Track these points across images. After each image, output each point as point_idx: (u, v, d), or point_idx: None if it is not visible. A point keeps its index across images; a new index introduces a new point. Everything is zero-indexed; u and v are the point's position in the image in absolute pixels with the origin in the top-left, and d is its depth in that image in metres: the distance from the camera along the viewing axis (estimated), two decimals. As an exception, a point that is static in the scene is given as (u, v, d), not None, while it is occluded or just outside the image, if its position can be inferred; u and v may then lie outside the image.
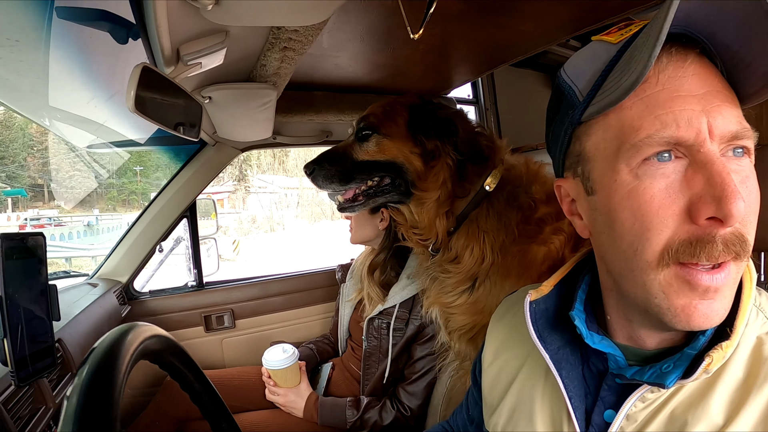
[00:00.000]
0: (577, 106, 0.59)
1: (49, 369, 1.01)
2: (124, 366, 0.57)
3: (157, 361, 0.77)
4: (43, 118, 2.01)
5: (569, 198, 0.67)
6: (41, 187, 34.27)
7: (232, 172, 30.63)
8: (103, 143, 2.29)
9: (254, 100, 1.45)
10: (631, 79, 0.49)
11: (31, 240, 0.97)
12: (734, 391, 0.55)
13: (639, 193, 0.52)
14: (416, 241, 1.43)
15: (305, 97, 1.94)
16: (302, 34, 1.07)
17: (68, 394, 0.53)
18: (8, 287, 0.88)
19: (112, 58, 1.32)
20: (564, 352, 0.67)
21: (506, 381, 0.77)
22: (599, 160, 0.57)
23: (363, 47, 1.51)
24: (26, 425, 1.06)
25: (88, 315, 1.62)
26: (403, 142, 1.36)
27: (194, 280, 2.44)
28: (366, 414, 1.73)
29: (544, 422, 0.68)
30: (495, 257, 1.29)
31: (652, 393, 0.57)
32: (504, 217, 1.29)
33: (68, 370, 1.33)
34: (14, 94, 1.66)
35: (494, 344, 0.84)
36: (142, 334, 0.64)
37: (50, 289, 1.04)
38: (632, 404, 0.58)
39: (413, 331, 1.73)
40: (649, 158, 0.52)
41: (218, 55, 1.06)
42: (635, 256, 0.54)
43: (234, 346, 2.42)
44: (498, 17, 1.36)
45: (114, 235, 21.73)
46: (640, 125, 0.51)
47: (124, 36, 0.98)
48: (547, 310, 0.70)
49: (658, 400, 0.58)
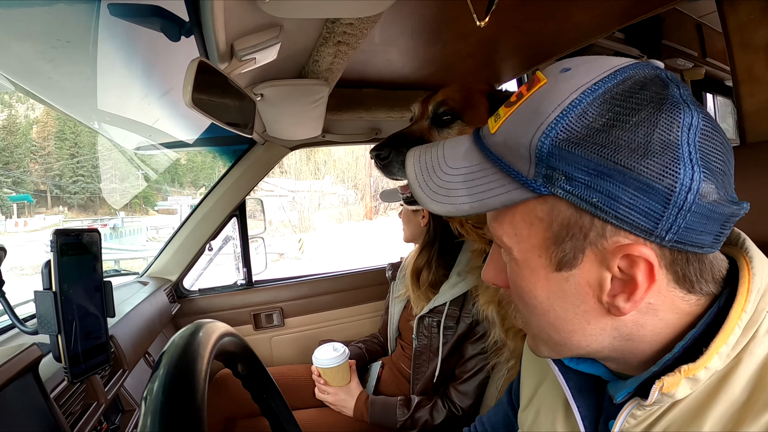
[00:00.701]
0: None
1: (103, 366, 1.03)
2: (205, 361, 0.56)
3: (229, 363, 0.78)
4: (92, 121, 2.05)
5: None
6: (44, 193, 35.22)
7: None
8: (152, 144, 2.34)
9: (306, 97, 1.46)
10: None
11: (86, 236, 0.99)
12: (731, 414, 0.52)
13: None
14: (475, 237, 1.39)
15: (355, 94, 1.94)
16: (357, 28, 1.06)
17: (148, 393, 0.50)
18: (62, 283, 0.90)
19: (162, 56, 1.32)
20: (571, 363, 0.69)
21: (535, 383, 0.81)
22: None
23: (414, 42, 1.50)
24: (77, 421, 1.07)
25: (139, 312, 1.65)
26: None
27: (243, 279, 2.48)
28: (417, 413, 1.70)
29: (563, 429, 0.70)
30: None
31: (639, 411, 0.57)
32: None
33: (120, 367, 1.35)
34: (64, 97, 1.68)
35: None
36: (217, 330, 0.64)
37: (105, 285, 1.05)
38: (624, 420, 0.58)
39: (464, 329, 1.69)
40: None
41: (272, 50, 1.06)
42: None
43: (283, 345, 2.44)
44: (553, 7, 1.33)
45: (136, 239, 22.41)
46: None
47: (176, 33, 0.97)
48: None
49: (649, 419, 0.57)
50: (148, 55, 1.32)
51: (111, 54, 1.28)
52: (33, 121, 38.29)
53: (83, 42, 1.18)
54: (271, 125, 1.79)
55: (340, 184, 28.76)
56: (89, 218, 30.40)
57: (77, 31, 1.14)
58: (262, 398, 0.85)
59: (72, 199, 36.19)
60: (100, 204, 35.34)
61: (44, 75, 1.41)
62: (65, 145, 37.53)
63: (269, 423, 0.86)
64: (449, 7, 1.14)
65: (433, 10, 1.27)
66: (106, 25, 1.10)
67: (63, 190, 36.31)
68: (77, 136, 37.36)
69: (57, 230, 0.89)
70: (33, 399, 0.90)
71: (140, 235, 22.92)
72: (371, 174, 26.94)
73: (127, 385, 1.38)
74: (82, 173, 37.78)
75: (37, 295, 0.88)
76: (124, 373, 1.34)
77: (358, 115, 1.99)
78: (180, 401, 0.49)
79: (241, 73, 1.09)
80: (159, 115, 1.84)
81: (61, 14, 1.10)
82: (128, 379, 1.37)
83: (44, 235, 19.43)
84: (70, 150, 37.65)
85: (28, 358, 0.89)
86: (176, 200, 26.85)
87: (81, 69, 1.36)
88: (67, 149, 37.62)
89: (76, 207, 36.03)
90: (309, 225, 25.10)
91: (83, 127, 38.12)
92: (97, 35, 1.14)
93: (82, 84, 1.49)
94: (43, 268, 0.89)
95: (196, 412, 0.48)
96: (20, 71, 1.38)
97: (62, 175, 37.19)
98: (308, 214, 26.06)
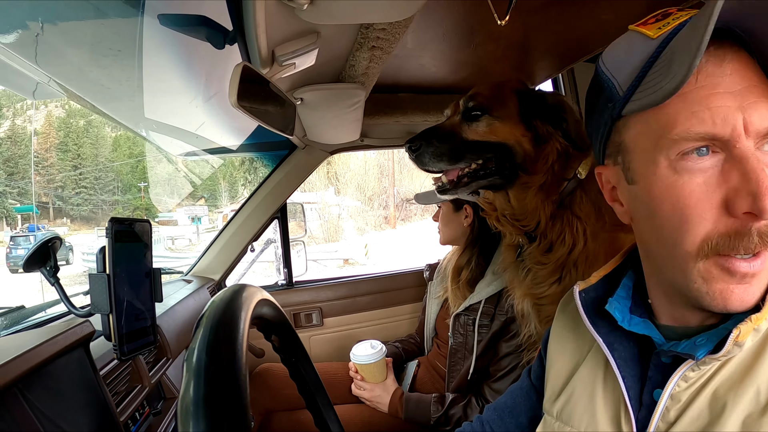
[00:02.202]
0: (617, 100, 0.61)
1: (149, 347, 1.08)
2: (245, 320, 0.58)
3: (267, 328, 0.79)
4: (140, 128, 2.15)
5: (610, 185, 0.70)
6: (47, 204, 35.51)
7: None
8: (196, 151, 2.43)
9: (344, 101, 1.51)
10: (672, 85, 0.50)
11: (138, 226, 1.04)
12: None
13: (678, 187, 0.55)
14: (512, 229, 1.41)
15: (392, 99, 1.99)
16: (389, 32, 1.11)
17: (190, 354, 0.51)
18: (116, 266, 0.95)
19: (204, 63, 1.38)
20: (615, 334, 0.69)
21: (566, 372, 0.80)
22: (639, 152, 0.60)
23: (446, 45, 1.54)
24: (122, 400, 1.12)
25: (184, 306, 1.72)
26: (514, 126, 1.34)
27: (284, 279, 2.55)
28: (451, 410, 1.73)
29: (605, 404, 0.69)
30: (586, 242, 1.27)
31: (693, 372, 0.58)
32: (597, 203, 1.27)
33: (163, 355, 1.41)
34: (116, 105, 1.75)
35: (558, 330, 0.87)
36: (257, 294, 0.66)
37: (154, 272, 1.11)
38: (675, 384, 0.59)
39: (498, 327, 1.72)
40: (687, 153, 0.54)
41: (311, 55, 1.12)
42: (675, 247, 0.56)
43: (322, 344, 2.50)
44: (579, 8, 1.35)
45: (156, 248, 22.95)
46: (677, 121, 0.54)
47: (221, 42, 1.02)
48: (596, 298, 0.73)
49: (700, 380, 0.58)
50: (191, 62, 1.38)
51: (158, 62, 1.35)
52: (35, 132, 39.06)
53: (132, 51, 1.24)
54: (311, 129, 1.85)
55: (358, 193, 29.27)
56: (93, 230, 30.82)
57: (126, 41, 1.21)
58: (291, 361, 0.87)
59: (75, 210, 36.76)
60: (103, 216, 35.87)
61: (96, 82, 1.50)
62: (67, 156, 38.26)
63: (305, 399, 0.89)
64: (477, 9, 1.18)
65: (461, 12, 1.31)
66: (152, 36, 1.16)
67: (66, 202, 36.91)
68: (80, 147, 37.99)
69: (112, 218, 0.95)
70: (83, 373, 0.96)
71: (159, 245, 23.32)
72: (394, 184, 27.53)
73: (170, 374, 1.44)
74: (84, 185, 38.46)
75: (91, 277, 0.94)
76: (168, 361, 1.41)
77: (395, 119, 2.03)
78: (222, 361, 0.50)
79: (281, 78, 1.16)
80: (203, 120, 1.91)
81: (111, 25, 1.17)
82: (170, 368, 1.43)
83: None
84: (72, 162, 38.38)
85: (81, 332, 0.95)
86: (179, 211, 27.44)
87: (130, 76, 1.43)
88: (70, 161, 38.33)
89: (79, 219, 36.57)
90: (338, 235, 25.47)
91: (86, 139, 38.18)
92: (143, 45, 1.21)
93: (131, 91, 1.56)
94: (97, 253, 0.95)
95: (237, 372, 0.50)
96: (74, 79, 1.47)
97: (65, 187, 37.95)
98: (337, 223, 26.45)
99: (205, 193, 32.83)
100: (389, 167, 28.75)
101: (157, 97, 1.65)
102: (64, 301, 1.07)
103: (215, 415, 0.45)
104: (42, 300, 1.42)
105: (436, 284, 2.15)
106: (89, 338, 0.98)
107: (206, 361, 0.49)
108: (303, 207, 2.88)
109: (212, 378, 0.48)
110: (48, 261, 1.05)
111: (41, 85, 1.44)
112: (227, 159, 4.25)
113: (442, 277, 2.07)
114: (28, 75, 1.36)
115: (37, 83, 1.44)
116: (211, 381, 0.48)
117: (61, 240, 1.07)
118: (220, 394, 0.47)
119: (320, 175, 28.04)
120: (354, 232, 26.30)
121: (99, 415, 0.97)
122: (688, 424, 0.58)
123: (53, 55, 1.26)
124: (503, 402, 0.99)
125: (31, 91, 1.55)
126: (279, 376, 2.00)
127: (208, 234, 22.87)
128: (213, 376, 0.48)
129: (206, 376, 0.48)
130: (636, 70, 0.58)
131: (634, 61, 0.59)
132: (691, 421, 0.57)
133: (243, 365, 0.51)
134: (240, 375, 0.49)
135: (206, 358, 0.49)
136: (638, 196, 0.61)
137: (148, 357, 1.36)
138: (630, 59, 0.60)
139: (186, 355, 0.51)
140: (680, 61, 0.50)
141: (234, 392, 0.47)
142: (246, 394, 0.48)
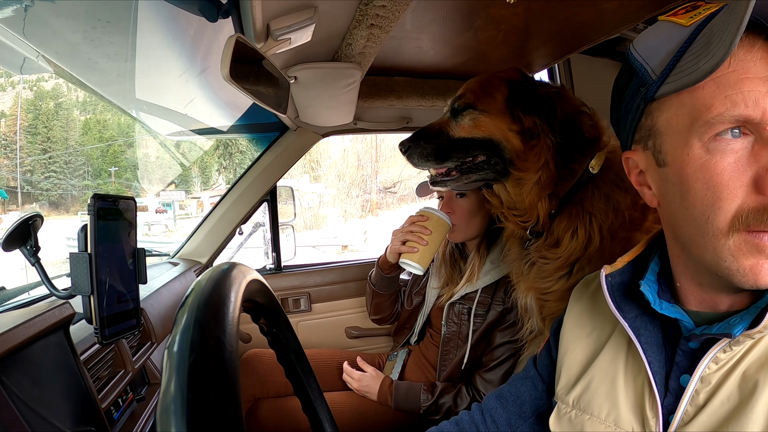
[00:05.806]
0: (650, 83, 0.63)
1: (133, 330, 1.04)
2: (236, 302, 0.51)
3: (256, 310, 0.72)
4: (129, 105, 2.08)
5: (638, 169, 0.72)
6: (15, 189, 35.02)
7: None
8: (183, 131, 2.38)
9: (339, 81, 1.47)
10: (712, 63, 0.53)
11: (122, 203, 0.99)
12: None
13: (711, 166, 0.57)
14: (515, 223, 1.39)
15: (387, 82, 1.95)
16: (389, 10, 1.07)
17: (171, 343, 0.44)
18: (98, 245, 0.90)
19: (196, 36, 1.32)
20: (642, 320, 0.72)
21: (584, 359, 0.82)
22: (672, 135, 0.62)
23: (446, 28, 1.50)
24: (104, 386, 1.08)
25: (169, 289, 1.68)
26: (500, 118, 1.31)
27: (273, 264, 2.52)
28: (440, 399, 1.71)
29: (627, 391, 0.72)
30: (603, 239, 1.24)
31: (724, 353, 0.61)
32: (612, 199, 1.24)
33: (148, 339, 1.38)
34: (102, 79, 1.68)
35: (573, 318, 0.89)
36: (248, 274, 0.59)
37: (138, 252, 1.07)
38: (705, 366, 0.62)
39: (494, 317, 1.70)
40: (720, 134, 0.56)
41: (307, 31, 1.08)
42: (707, 224, 0.58)
43: (309, 330, 2.47)
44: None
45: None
46: (711, 104, 0.56)
47: (214, 14, 0.97)
48: (622, 283, 0.76)
49: (731, 361, 0.61)
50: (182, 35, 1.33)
51: (148, 35, 1.29)
52: (2, 114, 38.27)
53: (122, 22, 1.19)
54: (304, 110, 1.81)
55: (338, 182, 29.55)
56: (64, 216, 30.33)
57: (116, 11, 1.15)
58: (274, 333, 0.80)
59: (44, 195, 36.13)
60: (72, 201, 35.52)
61: (84, 56, 1.42)
62: (36, 140, 37.63)
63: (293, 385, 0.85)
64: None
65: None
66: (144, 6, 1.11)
67: (35, 187, 36.31)
68: (50, 130, 37.33)
69: (95, 194, 0.90)
70: (63, 357, 0.92)
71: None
72: (377, 171, 27.84)
73: (154, 358, 1.41)
74: (54, 169, 37.84)
75: (72, 257, 0.89)
76: (152, 345, 1.38)
77: (390, 103, 2.00)
78: (208, 352, 0.42)
79: (276, 54, 1.12)
80: (194, 96, 1.85)
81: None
82: (155, 352, 1.40)
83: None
84: (42, 145, 37.74)
85: (60, 314, 0.91)
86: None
87: (120, 50, 1.37)
88: (39, 144, 37.69)
89: (48, 204, 35.97)
90: (322, 222, 25.74)
91: (56, 122, 37.73)
92: (136, 15, 1.16)
93: (120, 66, 1.50)
94: (79, 231, 0.90)
95: (227, 365, 0.42)
96: (61, 51, 1.41)
97: (33, 171, 37.32)
98: (317, 211, 26.68)
99: (177, 178, 32.41)
100: (371, 155, 28.98)
101: (146, 71, 1.59)
102: (44, 282, 1.03)
103: (199, 418, 0.38)
104: (26, 281, 1.37)
105: (433, 276, 2.06)
106: (69, 321, 0.95)
107: (189, 352, 0.42)
108: (293, 190, 2.84)
109: (197, 373, 0.40)
110: (28, 240, 1.01)
111: (29, 60, 1.39)
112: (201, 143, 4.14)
113: (440, 264, 2.00)
114: (16, 49, 1.30)
115: (25, 58, 1.38)
116: (196, 376, 0.40)
117: (42, 218, 1.03)
118: (206, 393, 0.40)
119: (298, 163, 28.28)
120: (336, 220, 26.45)
121: (80, 401, 0.94)
122: (718, 406, 0.60)
123: (40, 26, 1.20)
124: (506, 391, 1.00)
125: (19, 66, 1.49)
126: (267, 363, 1.97)
127: (184, 221, 22.78)
128: (197, 370, 0.41)
129: (190, 371, 0.40)
130: (670, 54, 0.61)
131: (668, 46, 0.62)
132: (721, 403, 0.60)
133: (234, 356, 0.44)
134: (231, 368, 0.42)
135: (189, 348, 0.42)
136: (669, 178, 0.63)
137: (132, 341, 1.32)
138: (663, 45, 0.63)
139: (168, 342, 0.44)
140: (719, 41, 0.53)
141: (223, 389, 0.41)
142: (237, 390, 0.42)
